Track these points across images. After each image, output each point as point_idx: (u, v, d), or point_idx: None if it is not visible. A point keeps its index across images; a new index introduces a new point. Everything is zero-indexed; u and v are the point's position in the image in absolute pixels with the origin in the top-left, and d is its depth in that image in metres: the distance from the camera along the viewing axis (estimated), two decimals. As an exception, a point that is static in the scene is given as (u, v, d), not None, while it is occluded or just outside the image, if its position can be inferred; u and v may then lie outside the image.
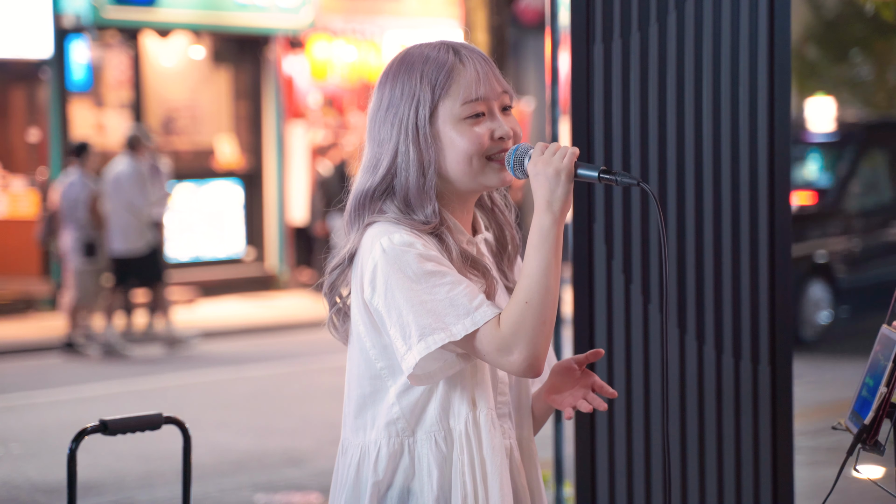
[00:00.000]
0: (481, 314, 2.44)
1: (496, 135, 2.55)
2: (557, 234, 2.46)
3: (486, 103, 2.56)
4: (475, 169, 2.55)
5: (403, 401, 2.54)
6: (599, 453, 3.84)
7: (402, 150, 2.56)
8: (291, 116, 17.98)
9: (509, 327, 2.42)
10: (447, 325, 2.43)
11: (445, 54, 2.57)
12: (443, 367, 2.49)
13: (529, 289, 2.43)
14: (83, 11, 15.73)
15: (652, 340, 3.81)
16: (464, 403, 2.53)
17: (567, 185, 2.46)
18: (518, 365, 2.43)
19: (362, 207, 2.58)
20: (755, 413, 3.80)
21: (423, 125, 2.55)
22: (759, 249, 3.80)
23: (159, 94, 17.11)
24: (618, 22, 3.81)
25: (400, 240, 2.49)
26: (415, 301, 2.45)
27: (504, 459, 2.54)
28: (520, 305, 2.43)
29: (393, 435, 2.55)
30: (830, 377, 10.76)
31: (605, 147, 3.80)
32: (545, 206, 2.46)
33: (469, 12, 13.08)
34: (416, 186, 2.54)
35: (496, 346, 2.43)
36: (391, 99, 2.58)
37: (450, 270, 2.48)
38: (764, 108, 3.80)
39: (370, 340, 2.55)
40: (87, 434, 3.44)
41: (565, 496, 5.61)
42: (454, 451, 2.52)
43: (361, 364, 2.58)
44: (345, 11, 18.42)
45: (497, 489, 2.51)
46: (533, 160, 2.49)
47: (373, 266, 2.49)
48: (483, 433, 2.52)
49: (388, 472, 2.55)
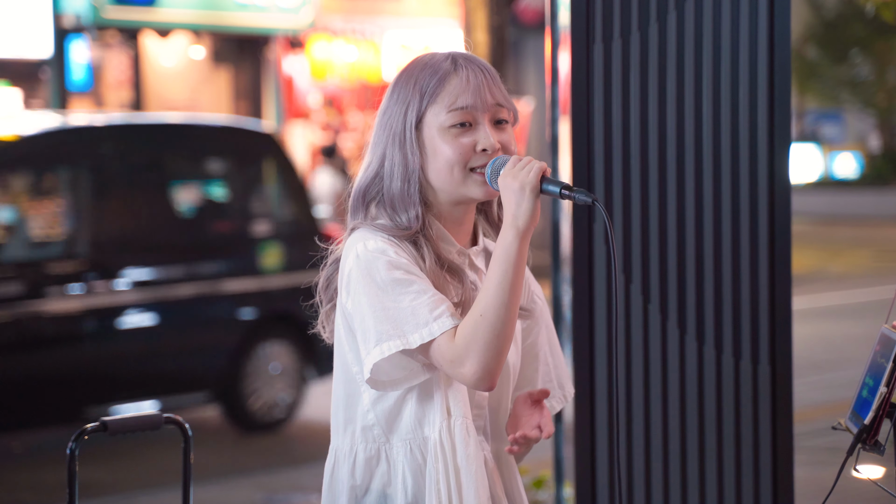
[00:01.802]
0: (439, 325, 2.43)
1: (479, 147, 2.53)
2: (520, 249, 2.43)
3: (471, 114, 2.54)
4: (457, 179, 2.54)
5: (378, 407, 2.55)
6: (599, 453, 3.84)
7: (389, 154, 2.57)
8: (291, 116, 17.99)
9: (463, 339, 2.41)
10: (404, 333, 2.43)
11: (443, 62, 2.57)
12: (407, 375, 2.49)
13: (486, 302, 2.42)
14: (83, 11, 15.73)
15: (652, 340, 3.81)
16: (438, 412, 2.52)
17: (532, 199, 2.43)
18: (470, 377, 2.42)
19: (357, 207, 2.61)
20: (755, 413, 3.80)
21: (409, 131, 2.55)
22: (759, 249, 3.80)
23: (159, 94, 17.12)
24: (618, 22, 3.81)
25: (374, 246, 2.50)
26: (377, 307, 2.45)
27: (480, 468, 2.53)
28: (474, 318, 2.42)
29: (370, 440, 2.56)
30: (830, 377, 10.76)
31: (605, 147, 3.80)
32: (511, 221, 2.44)
33: (469, 12, 13.09)
34: (400, 191, 2.55)
35: (450, 358, 2.42)
36: (388, 104, 2.60)
37: (418, 279, 2.47)
38: (764, 108, 3.80)
39: (348, 344, 2.56)
40: (87, 434, 3.44)
41: (565, 496, 5.60)
42: (429, 460, 2.52)
43: (341, 367, 2.59)
44: (345, 11, 18.42)
45: (473, 498, 2.50)
46: (503, 173, 2.47)
47: (348, 271, 2.52)
48: (457, 442, 2.51)
49: (366, 477, 2.56)
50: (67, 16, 15.71)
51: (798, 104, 35.23)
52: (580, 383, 3.82)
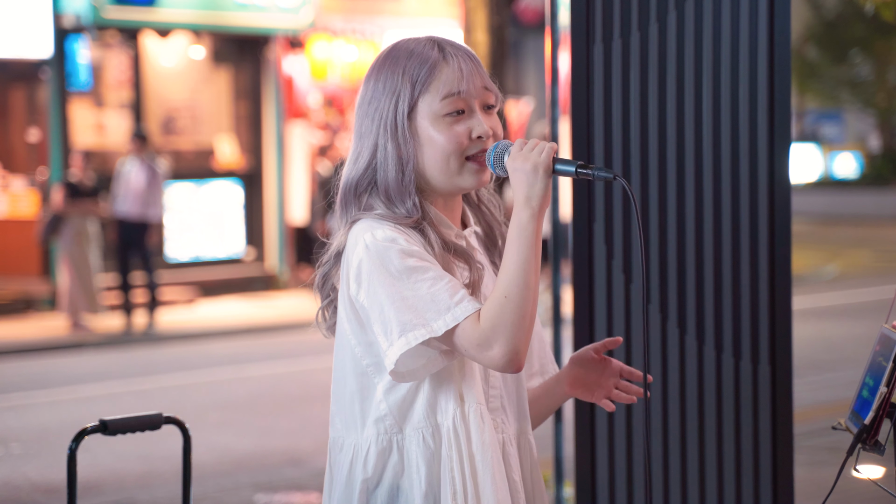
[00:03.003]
0: (461, 310, 2.43)
1: (474, 133, 2.54)
2: (536, 230, 2.45)
3: (465, 100, 2.54)
4: (452, 169, 2.55)
5: (390, 397, 2.54)
6: (599, 453, 3.84)
7: (381, 144, 2.55)
8: (291, 116, 17.99)
9: (489, 322, 2.42)
10: (427, 321, 2.43)
11: (430, 50, 2.56)
12: (426, 363, 2.49)
13: (508, 283, 2.43)
14: (83, 11, 15.72)
15: (652, 340, 3.81)
16: (451, 399, 2.52)
17: (545, 180, 2.45)
18: (498, 360, 2.42)
19: (348, 200, 2.59)
20: (755, 413, 3.80)
21: (401, 120, 2.54)
22: (759, 249, 3.80)
23: (159, 94, 17.11)
24: (618, 22, 3.81)
25: (383, 235, 2.49)
26: (396, 297, 2.44)
27: (496, 454, 2.53)
28: (499, 300, 2.42)
29: (381, 432, 2.55)
30: (830, 377, 10.76)
31: (605, 147, 3.80)
32: (524, 202, 2.45)
33: (469, 12, 13.08)
34: (396, 181, 2.54)
35: (476, 342, 2.42)
36: (374, 93, 2.58)
37: (432, 266, 2.48)
38: (764, 108, 3.80)
39: (356, 338, 2.55)
40: (87, 434, 3.44)
41: (565, 496, 5.60)
42: (442, 447, 2.51)
43: (349, 362, 2.58)
44: (345, 11, 18.42)
45: (489, 484, 2.50)
46: (511, 156, 2.48)
47: (357, 262, 2.49)
48: (472, 428, 2.51)
49: (378, 470, 2.55)
50: (67, 16, 15.70)
51: (798, 104, 35.22)
52: (580, 383, 3.82)
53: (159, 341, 13.97)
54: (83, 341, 13.63)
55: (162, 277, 15.34)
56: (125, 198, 14.29)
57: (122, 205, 14.32)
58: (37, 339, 13.73)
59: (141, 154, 14.36)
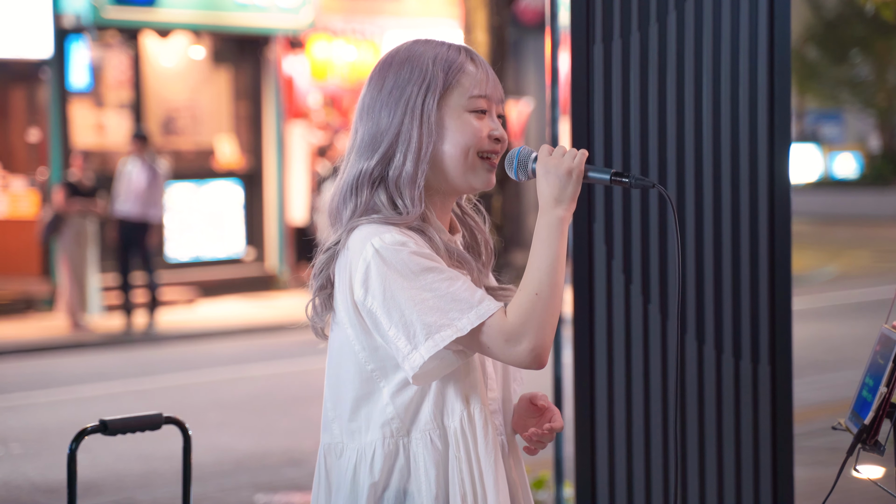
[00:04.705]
0: (485, 307, 2.45)
1: (493, 134, 2.59)
2: (565, 231, 2.51)
3: (489, 102, 2.60)
4: (469, 163, 2.57)
5: (397, 401, 2.54)
6: (599, 453, 3.84)
7: (406, 129, 2.56)
8: (291, 116, 17.99)
9: (519, 318, 2.44)
10: (452, 320, 2.44)
11: (456, 53, 2.61)
12: (440, 365, 2.49)
13: (540, 281, 2.46)
14: (83, 11, 15.73)
15: (652, 340, 3.81)
16: (458, 401, 2.53)
17: (577, 184, 2.52)
18: (525, 356, 2.45)
19: (347, 197, 2.56)
20: (755, 413, 3.80)
21: (429, 108, 2.56)
22: (759, 249, 3.80)
23: (159, 94, 17.12)
24: (618, 22, 3.81)
25: (391, 239, 2.49)
26: (416, 299, 2.45)
27: (499, 455, 2.56)
28: (530, 297, 2.45)
29: (388, 436, 2.55)
30: (830, 377, 10.76)
31: (605, 147, 3.80)
32: (553, 203, 2.50)
33: (469, 12, 13.08)
34: (410, 172, 2.54)
35: (504, 337, 2.44)
36: (396, 81, 2.58)
37: (445, 266, 2.49)
38: (764, 108, 3.80)
39: (360, 343, 2.54)
40: (87, 434, 3.44)
41: (565, 496, 5.61)
42: (450, 450, 2.53)
43: (351, 366, 2.57)
44: (345, 11, 18.42)
45: (493, 485, 2.52)
46: (541, 160, 2.54)
47: (365, 267, 2.49)
48: (478, 430, 2.53)
49: (384, 474, 2.55)
50: (67, 16, 15.70)
51: (798, 104, 35.23)
52: (580, 383, 3.82)
53: (159, 341, 13.98)
54: (83, 341, 13.63)
55: (162, 277, 15.33)
56: (126, 198, 14.30)
57: (122, 205, 14.32)
58: (37, 339, 13.73)
59: (142, 154, 14.37)
